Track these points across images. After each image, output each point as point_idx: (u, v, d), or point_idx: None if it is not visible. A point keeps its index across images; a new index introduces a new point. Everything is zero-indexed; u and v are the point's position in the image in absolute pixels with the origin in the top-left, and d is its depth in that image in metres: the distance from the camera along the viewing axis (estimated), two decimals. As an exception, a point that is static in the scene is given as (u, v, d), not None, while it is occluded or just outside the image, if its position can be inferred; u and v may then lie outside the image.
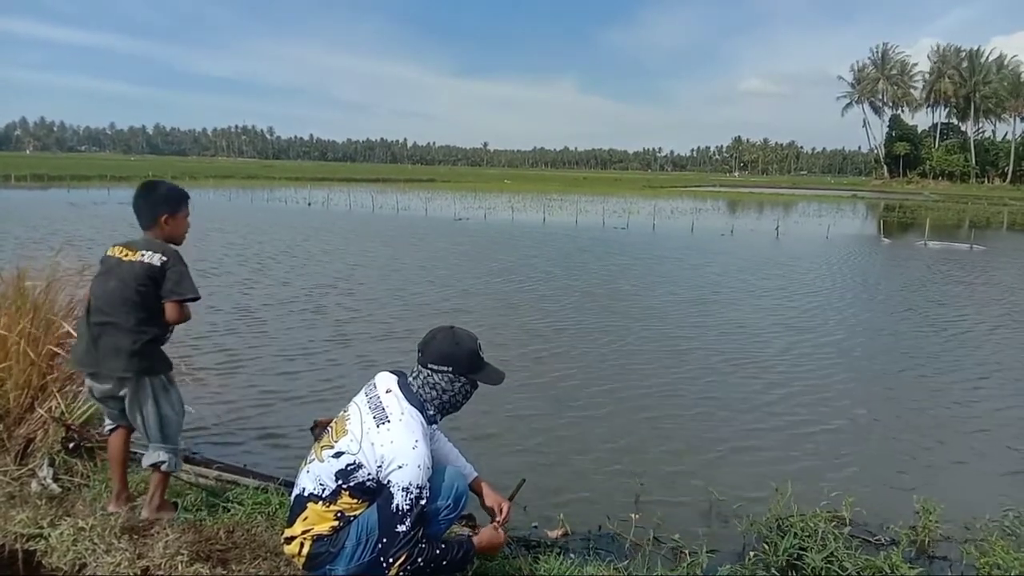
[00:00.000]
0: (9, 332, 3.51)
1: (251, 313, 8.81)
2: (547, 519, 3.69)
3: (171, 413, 2.94)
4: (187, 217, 3.01)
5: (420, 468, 2.27)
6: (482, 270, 13.30)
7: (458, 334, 2.52)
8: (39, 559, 2.65)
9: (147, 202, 2.91)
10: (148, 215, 2.90)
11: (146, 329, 2.81)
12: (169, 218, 2.91)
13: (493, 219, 25.94)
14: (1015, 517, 3.75)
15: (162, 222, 2.89)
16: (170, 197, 2.95)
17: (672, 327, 8.86)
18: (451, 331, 2.53)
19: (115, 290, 2.77)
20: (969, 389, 6.61)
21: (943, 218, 34.74)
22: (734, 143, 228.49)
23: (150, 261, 2.78)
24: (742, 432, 5.28)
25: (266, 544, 2.77)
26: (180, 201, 2.97)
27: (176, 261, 2.82)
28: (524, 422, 5.28)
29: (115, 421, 2.99)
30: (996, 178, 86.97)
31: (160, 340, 2.91)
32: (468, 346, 2.49)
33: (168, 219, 2.90)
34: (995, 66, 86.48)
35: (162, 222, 2.89)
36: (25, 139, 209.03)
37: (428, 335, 2.55)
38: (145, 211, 2.90)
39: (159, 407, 2.89)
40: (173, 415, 2.96)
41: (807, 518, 3.41)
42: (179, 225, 2.96)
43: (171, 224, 2.92)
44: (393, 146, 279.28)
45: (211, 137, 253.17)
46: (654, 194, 53.43)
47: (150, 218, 2.89)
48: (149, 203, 2.91)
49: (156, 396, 2.88)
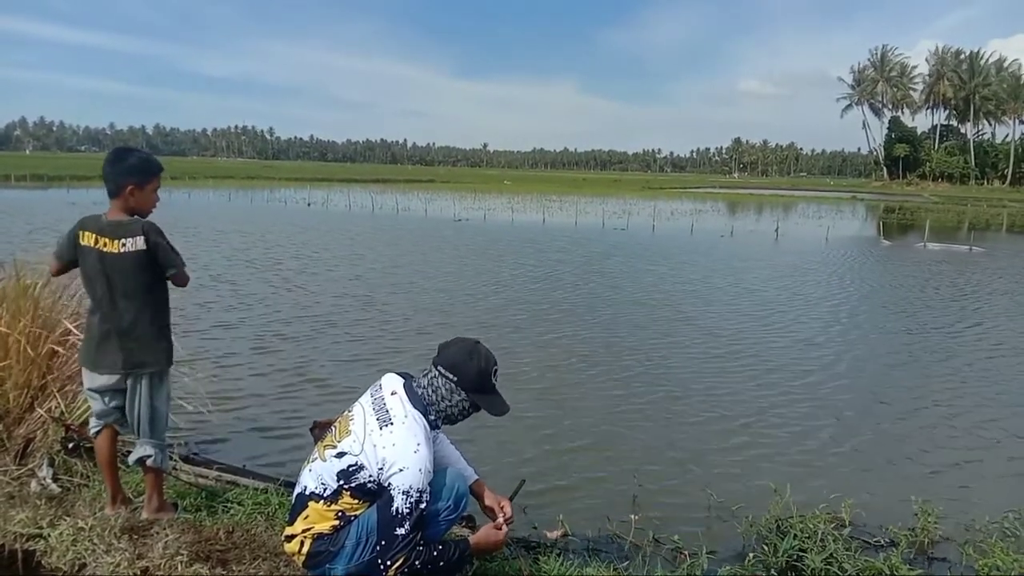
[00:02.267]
0: (10, 330, 3.50)
1: (252, 312, 8.81)
2: (547, 520, 3.69)
3: (162, 407, 2.95)
4: (156, 190, 2.89)
5: (421, 472, 2.27)
6: (500, 273, 13.29)
7: (477, 350, 2.49)
8: (39, 559, 2.65)
9: (115, 170, 2.78)
10: (114, 184, 2.78)
11: (153, 317, 2.83)
12: (135, 189, 2.79)
13: (493, 220, 25.93)
14: (1015, 518, 3.75)
15: (127, 193, 2.77)
16: (138, 167, 2.81)
17: (671, 328, 8.85)
18: (473, 344, 2.51)
19: (115, 286, 2.76)
20: (968, 391, 6.61)
21: (943, 220, 34.75)
22: (734, 144, 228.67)
23: (135, 248, 2.73)
24: (741, 433, 5.28)
25: (266, 544, 2.77)
26: (149, 173, 2.84)
27: (155, 235, 2.77)
28: (524, 423, 5.29)
29: (104, 418, 2.94)
30: (995, 180, 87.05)
31: (168, 325, 2.93)
32: (480, 365, 2.45)
33: (134, 190, 2.78)
34: (994, 68, 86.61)
35: (127, 193, 2.77)
36: (25, 139, 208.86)
37: (452, 339, 2.56)
38: (112, 179, 2.78)
39: (152, 400, 2.89)
40: (163, 410, 2.96)
41: (806, 519, 3.41)
42: (146, 198, 2.84)
43: (137, 196, 2.80)
44: (393, 147, 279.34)
45: (211, 137, 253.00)
46: (654, 195, 53.44)
47: (116, 188, 2.78)
48: (116, 171, 2.78)
49: (152, 390, 2.88)
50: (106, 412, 2.93)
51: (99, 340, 2.82)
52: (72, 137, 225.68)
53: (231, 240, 16.53)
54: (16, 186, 37.54)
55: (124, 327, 2.78)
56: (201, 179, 51.51)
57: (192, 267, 2.94)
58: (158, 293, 2.87)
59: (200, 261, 12.56)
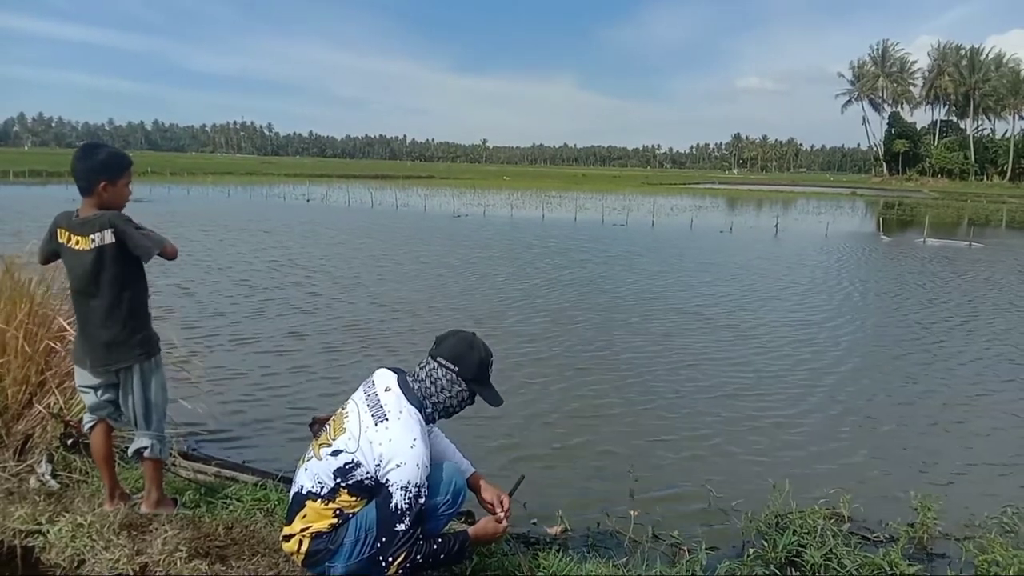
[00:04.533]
0: (7, 325, 3.49)
1: (253, 312, 8.81)
2: (546, 516, 3.69)
3: (157, 398, 2.94)
4: (128, 185, 2.88)
5: (418, 467, 2.27)
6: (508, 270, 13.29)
7: (476, 341, 2.54)
8: (38, 555, 2.65)
9: (85, 167, 2.76)
10: (86, 182, 2.76)
11: (131, 310, 2.82)
12: (108, 185, 2.78)
13: (492, 215, 25.91)
14: (1014, 514, 3.76)
15: (100, 190, 2.76)
16: (109, 164, 2.80)
17: (671, 326, 8.85)
18: (471, 336, 2.56)
19: (87, 282, 2.75)
20: (967, 386, 6.61)
21: (942, 215, 34.74)
22: (733, 140, 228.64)
23: (104, 242, 2.71)
24: (741, 429, 5.28)
25: (265, 540, 2.77)
26: (120, 168, 2.83)
27: (122, 223, 2.74)
28: (523, 418, 5.29)
29: (96, 412, 2.94)
30: (995, 176, 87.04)
31: (147, 316, 2.92)
32: (480, 355, 2.51)
33: (107, 186, 2.77)
34: (994, 64, 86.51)
35: (100, 190, 2.76)
36: (23, 135, 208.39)
37: (449, 331, 2.59)
38: (83, 177, 2.76)
39: (146, 392, 2.89)
40: (159, 400, 2.95)
41: (806, 515, 3.41)
42: (119, 194, 2.84)
43: (110, 192, 2.79)
44: (392, 143, 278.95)
45: (209, 133, 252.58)
46: (653, 191, 53.37)
47: (88, 185, 2.76)
48: (87, 168, 2.76)
49: (144, 381, 2.88)
50: (99, 406, 2.93)
51: (81, 336, 2.84)
52: (71, 133, 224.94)
53: (231, 235, 16.51)
54: (15, 182, 37.47)
55: (101, 322, 2.78)
56: (200, 175, 51.43)
57: (191, 263, 2.93)
58: (133, 284, 2.84)
59: (196, 255, 12.55)
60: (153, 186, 36.13)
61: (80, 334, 2.86)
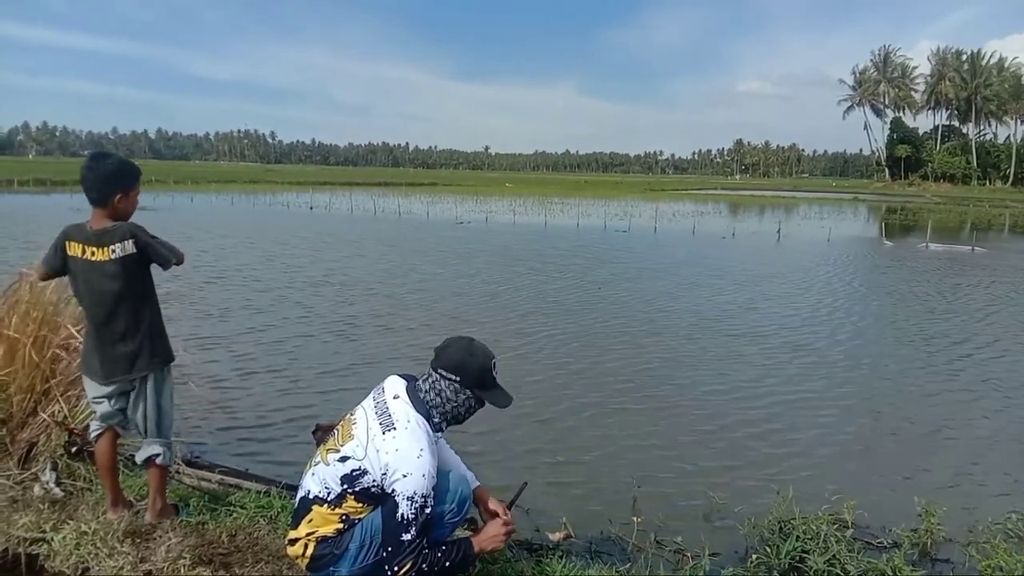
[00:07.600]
0: (21, 334, 3.51)
1: (256, 315, 8.83)
2: (549, 522, 3.69)
3: (167, 406, 2.96)
4: (138, 195, 2.90)
5: (425, 477, 2.26)
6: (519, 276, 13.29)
7: (474, 346, 2.49)
8: (42, 563, 2.66)
9: (99, 178, 2.75)
10: (100, 193, 2.74)
11: (148, 320, 2.85)
12: (123, 198, 2.78)
13: (495, 222, 25.94)
14: (1018, 519, 3.74)
15: (116, 202, 2.76)
16: (124, 175, 2.80)
17: (672, 331, 8.85)
18: (469, 342, 2.51)
19: (107, 293, 2.75)
20: (971, 391, 6.59)
21: (945, 220, 34.70)
22: (735, 146, 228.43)
23: (125, 253, 2.72)
24: (743, 435, 5.28)
25: (268, 548, 2.78)
26: (133, 179, 2.85)
27: (144, 235, 2.77)
28: (527, 425, 5.29)
29: (106, 421, 2.94)
30: (997, 180, 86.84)
31: (161, 322, 2.95)
32: (481, 361, 2.46)
33: (122, 199, 2.78)
34: (996, 68, 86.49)
35: (116, 202, 2.76)
36: (28, 143, 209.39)
37: (446, 341, 2.54)
38: (97, 187, 2.74)
39: (159, 399, 2.91)
40: (169, 408, 2.98)
41: (809, 521, 3.40)
42: (131, 203, 2.84)
43: (123, 203, 2.79)
44: (395, 150, 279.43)
45: (213, 142, 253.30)
46: (655, 197, 53.40)
47: (103, 196, 2.74)
48: (102, 179, 2.75)
49: (158, 388, 2.90)
50: (111, 415, 2.93)
51: (98, 348, 2.83)
52: (75, 142, 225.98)
53: (236, 244, 16.57)
54: (19, 191, 37.65)
55: (120, 333, 2.79)
56: (204, 183, 51.60)
57: (197, 268, 2.95)
58: (149, 294, 2.88)
59: (202, 260, 12.59)
60: (157, 195, 36.28)
61: (96, 346, 2.83)
